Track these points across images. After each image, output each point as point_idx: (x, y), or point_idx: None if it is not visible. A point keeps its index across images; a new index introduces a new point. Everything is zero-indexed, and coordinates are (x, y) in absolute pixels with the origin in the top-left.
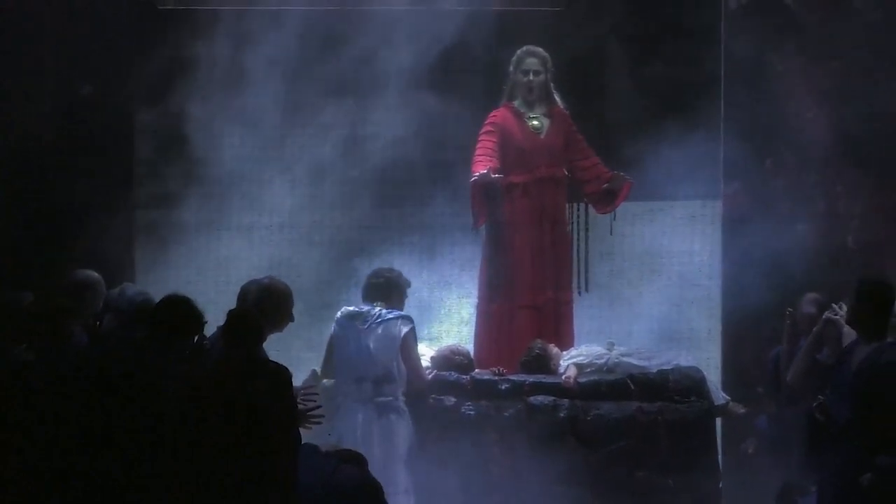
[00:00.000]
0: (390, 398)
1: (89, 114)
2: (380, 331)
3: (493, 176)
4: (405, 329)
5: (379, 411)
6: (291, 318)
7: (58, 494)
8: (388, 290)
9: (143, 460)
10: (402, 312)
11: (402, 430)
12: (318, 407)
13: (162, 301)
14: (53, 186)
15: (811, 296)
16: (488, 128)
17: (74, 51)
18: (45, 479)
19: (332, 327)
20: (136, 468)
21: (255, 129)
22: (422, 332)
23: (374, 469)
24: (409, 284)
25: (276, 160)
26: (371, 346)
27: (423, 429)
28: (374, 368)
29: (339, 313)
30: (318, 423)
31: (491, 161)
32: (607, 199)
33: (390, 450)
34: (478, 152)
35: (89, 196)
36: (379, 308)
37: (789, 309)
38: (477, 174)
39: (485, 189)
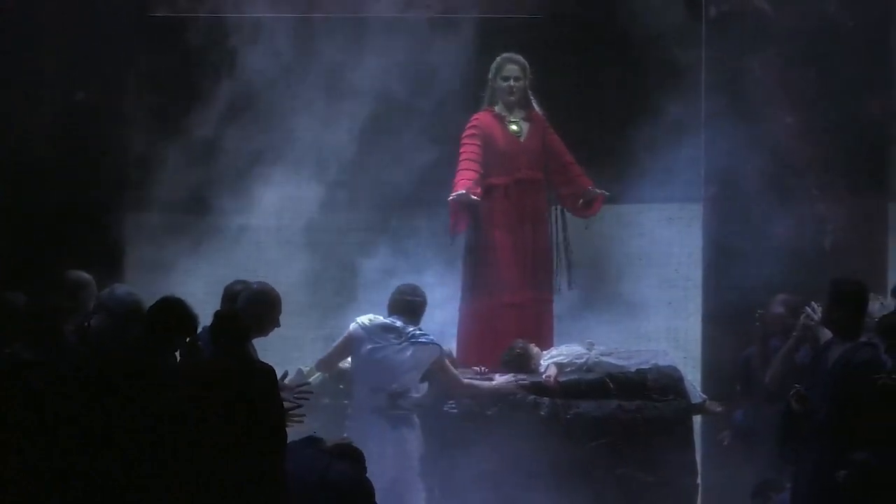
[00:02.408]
0: (404, 412)
1: (82, 118)
2: (411, 351)
3: (472, 198)
4: (435, 354)
5: (392, 424)
6: (277, 324)
7: (58, 494)
8: (417, 307)
9: (138, 460)
10: (432, 337)
11: (414, 442)
12: (300, 406)
13: (157, 303)
14: (44, 189)
15: (781, 297)
16: (471, 131)
17: (68, 55)
18: (45, 479)
19: (353, 329)
20: (129, 467)
21: (246, 133)
22: None
23: (390, 481)
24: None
25: (266, 164)
26: (400, 362)
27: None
28: (397, 384)
29: (366, 320)
30: (300, 422)
31: (475, 170)
32: (583, 207)
33: (404, 462)
34: (462, 156)
35: (80, 198)
36: (413, 328)
37: (759, 311)
38: (455, 195)
39: (463, 206)
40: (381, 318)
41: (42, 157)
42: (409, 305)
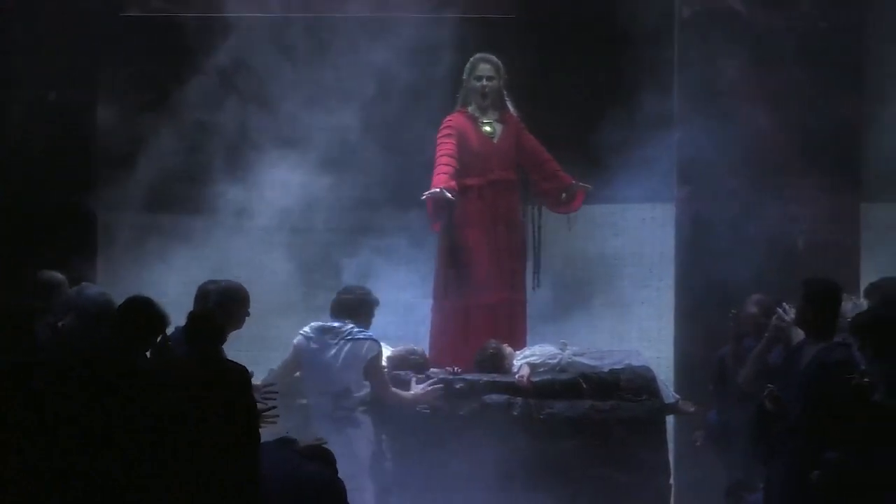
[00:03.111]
0: (347, 412)
1: (52, 117)
2: (347, 348)
3: (446, 195)
4: (372, 352)
5: (337, 427)
6: (247, 314)
7: (58, 494)
8: (357, 307)
9: (117, 460)
10: (370, 333)
11: (362, 441)
12: (274, 407)
13: (125, 303)
14: (16, 188)
15: (754, 297)
16: (447, 130)
17: (39, 55)
18: (41, 480)
19: (296, 342)
20: (110, 467)
21: (217, 132)
22: (378, 332)
23: None
24: (377, 303)
25: (237, 163)
26: (336, 362)
27: (382, 429)
28: (335, 385)
29: (307, 326)
30: (273, 422)
31: (452, 164)
32: (565, 202)
33: (353, 463)
34: (439, 153)
35: (51, 198)
36: (350, 326)
37: (732, 311)
38: (430, 192)
39: (439, 202)
40: (320, 322)
41: (12, 158)
42: (345, 305)
